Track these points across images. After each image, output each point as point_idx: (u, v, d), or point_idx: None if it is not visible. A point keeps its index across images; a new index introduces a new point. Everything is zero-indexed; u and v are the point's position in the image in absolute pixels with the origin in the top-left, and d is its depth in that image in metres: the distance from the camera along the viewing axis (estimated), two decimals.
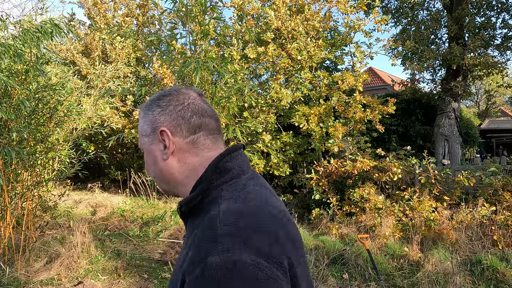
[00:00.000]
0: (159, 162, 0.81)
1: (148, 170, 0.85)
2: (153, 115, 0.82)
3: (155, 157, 0.81)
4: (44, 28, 3.57)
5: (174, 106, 0.81)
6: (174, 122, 0.79)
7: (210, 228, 0.64)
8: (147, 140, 0.83)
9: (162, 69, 6.49)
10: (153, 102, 0.83)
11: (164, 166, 0.80)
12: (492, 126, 19.81)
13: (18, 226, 4.42)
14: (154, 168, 0.83)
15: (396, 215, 4.94)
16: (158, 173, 0.83)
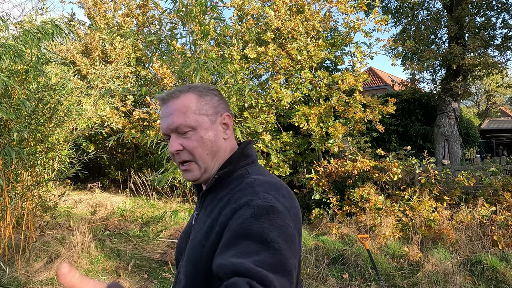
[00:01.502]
0: (218, 140, 0.94)
1: (201, 146, 0.89)
2: (215, 100, 0.95)
3: (216, 135, 0.93)
4: (45, 28, 3.58)
5: (225, 100, 0.99)
6: (229, 112, 0.97)
7: (250, 187, 0.84)
8: (207, 119, 0.92)
9: (162, 69, 6.49)
10: (207, 90, 0.95)
11: (222, 144, 0.94)
12: (492, 126, 19.82)
13: (18, 226, 4.42)
14: (212, 145, 0.91)
15: (396, 215, 4.94)
16: (214, 149, 0.92)
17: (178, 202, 7.80)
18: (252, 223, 0.72)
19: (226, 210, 0.82)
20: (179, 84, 6.57)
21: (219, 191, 0.91)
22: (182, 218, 6.20)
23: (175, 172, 3.59)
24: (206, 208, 0.93)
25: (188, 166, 0.92)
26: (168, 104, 0.91)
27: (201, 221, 0.91)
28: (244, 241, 0.70)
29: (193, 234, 0.92)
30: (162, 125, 0.92)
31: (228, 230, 0.76)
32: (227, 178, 0.92)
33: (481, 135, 16.59)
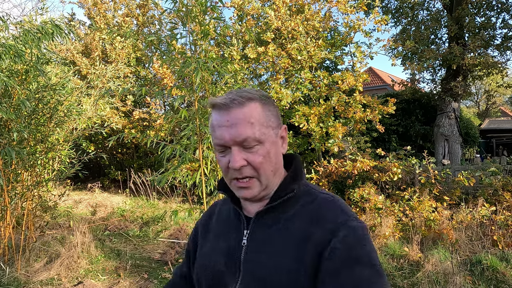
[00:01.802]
0: (279, 155, 0.88)
1: (266, 162, 0.83)
2: (275, 111, 0.88)
3: (278, 149, 0.87)
4: (45, 28, 3.58)
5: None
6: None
7: (333, 204, 0.84)
8: (273, 132, 0.85)
9: (162, 69, 6.49)
10: (267, 98, 0.87)
11: (281, 159, 0.89)
12: (492, 126, 19.82)
13: (18, 226, 4.42)
14: (276, 161, 0.85)
15: (396, 215, 4.94)
16: (277, 166, 0.87)
17: (178, 202, 7.80)
18: (360, 248, 0.76)
19: (317, 230, 0.79)
20: (179, 84, 6.57)
21: (286, 208, 0.86)
22: (182, 218, 6.20)
23: (175, 172, 3.59)
24: (269, 227, 0.85)
25: (248, 183, 0.83)
26: (231, 112, 0.80)
27: (270, 243, 0.83)
28: (356, 268, 0.73)
29: (260, 257, 0.83)
30: (221, 135, 0.80)
31: (333, 255, 0.75)
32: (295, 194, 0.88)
33: (481, 135, 16.59)
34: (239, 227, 0.91)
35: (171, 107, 9.31)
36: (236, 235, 0.91)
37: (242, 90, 0.83)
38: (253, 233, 0.88)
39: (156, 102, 8.63)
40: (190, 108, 4.51)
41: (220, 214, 1.02)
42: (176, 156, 3.46)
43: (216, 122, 0.82)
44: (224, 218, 0.99)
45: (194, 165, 4.21)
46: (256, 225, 0.88)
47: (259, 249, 0.85)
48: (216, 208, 1.06)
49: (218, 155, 0.85)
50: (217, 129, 0.81)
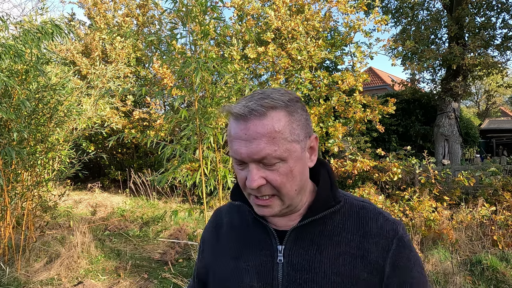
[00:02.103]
0: (306, 171, 0.77)
1: (289, 181, 0.72)
2: (303, 118, 0.75)
3: (304, 165, 0.76)
4: (45, 28, 3.58)
5: (307, 111, 0.78)
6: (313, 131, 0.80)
7: (374, 212, 0.80)
8: (299, 147, 0.73)
9: (162, 69, 6.49)
10: (294, 101, 0.74)
11: (307, 174, 0.79)
12: (492, 126, 19.82)
13: (18, 226, 4.42)
14: (301, 178, 0.75)
15: (396, 215, 4.94)
16: (302, 183, 0.76)
17: (178, 202, 7.80)
18: (409, 255, 0.77)
19: (370, 247, 0.76)
20: (179, 84, 6.57)
21: (327, 220, 0.79)
22: (182, 218, 6.20)
23: (175, 172, 3.59)
24: (312, 243, 0.78)
25: (268, 201, 0.74)
26: (249, 124, 0.69)
27: (316, 261, 0.76)
28: (413, 273, 0.77)
29: (307, 276, 0.76)
30: (237, 150, 0.71)
31: (392, 273, 0.75)
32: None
33: (481, 135, 16.60)
34: (269, 242, 0.81)
35: (171, 107, 9.31)
36: (266, 251, 0.80)
37: (265, 94, 0.72)
38: (291, 250, 0.78)
39: (156, 102, 8.63)
40: (190, 108, 4.51)
41: (232, 227, 0.89)
42: (176, 156, 3.46)
43: (234, 133, 0.72)
44: (240, 231, 0.87)
45: (194, 165, 4.21)
46: (294, 240, 0.79)
47: (303, 267, 0.76)
48: (224, 219, 0.93)
49: (236, 166, 0.76)
50: (234, 141, 0.72)
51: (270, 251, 0.80)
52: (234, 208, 0.92)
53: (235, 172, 0.77)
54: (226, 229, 0.90)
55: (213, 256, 0.90)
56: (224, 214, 0.94)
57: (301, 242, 0.78)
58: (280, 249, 0.79)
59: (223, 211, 0.96)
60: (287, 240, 0.79)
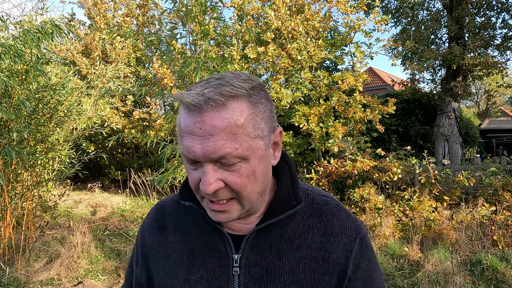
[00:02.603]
0: (269, 170, 0.67)
1: (251, 183, 0.63)
2: (268, 109, 0.64)
3: (268, 163, 0.66)
4: (45, 28, 3.58)
5: (271, 99, 0.67)
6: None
7: (337, 208, 0.75)
8: (262, 143, 0.62)
9: (162, 69, 6.49)
10: (258, 89, 0.63)
11: (270, 174, 0.68)
12: (492, 126, 19.83)
13: (18, 226, 4.42)
14: (264, 179, 0.65)
15: (396, 215, 4.94)
16: (265, 184, 0.67)
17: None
18: (371, 255, 0.75)
19: (332, 247, 0.70)
20: (179, 84, 6.57)
21: (288, 221, 0.72)
22: None
23: (175, 172, 3.59)
24: (271, 248, 0.70)
25: (226, 206, 0.63)
26: (205, 117, 0.57)
27: (276, 269, 0.69)
28: (374, 274, 0.75)
29: (266, 277, 0.69)
30: (189, 147, 0.59)
31: (355, 275, 0.71)
32: None
33: (481, 135, 16.60)
34: (223, 250, 0.71)
35: (171, 107, 9.31)
36: (219, 261, 0.71)
37: (224, 79, 0.60)
38: (248, 258, 0.70)
39: (156, 102, 8.63)
40: None
41: (180, 230, 0.76)
42: (176, 156, 3.46)
43: (185, 127, 0.60)
44: (190, 236, 0.75)
45: None
46: (251, 247, 0.70)
47: (262, 278, 0.68)
48: (168, 219, 0.79)
49: (187, 165, 0.64)
50: (185, 137, 0.60)
51: (225, 260, 0.70)
52: (181, 207, 0.79)
53: (186, 172, 0.65)
54: (172, 232, 0.77)
55: (158, 265, 0.76)
56: (168, 213, 0.80)
57: (259, 249, 0.70)
58: (236, 258, 0.70)
59: (167, 209, 0.81)
60: (244, 247, 0.70)
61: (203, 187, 0.60)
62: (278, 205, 0.70)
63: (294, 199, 0.71)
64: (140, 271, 0.80)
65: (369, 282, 0.73)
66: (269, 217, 0.69)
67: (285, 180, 0.72)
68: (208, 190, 0.59)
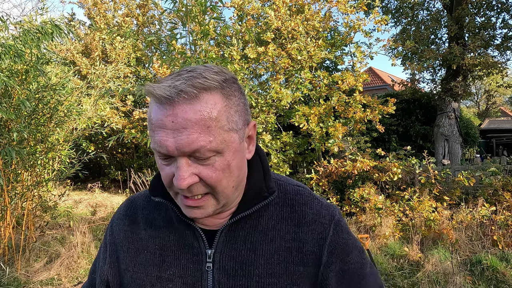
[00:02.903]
0: (244, 164, 0.67)
1: (227, 178, 0.62)
2: (242, 102, 0.64)
3: (243, 157, 0.66)
4: (45, 28, 3.58)
5: (244, 93, 0.66)
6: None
7: (309, 198, 0.74)
8: (237, 136, 0.62)
9: (162, 69, 6.48)
10: (230, 82, 0.62)
11: (245, 168, 0.68)
12: (492, 126, 19.83)
13: (18, 226, 4.42)
14: (239, 173, 0.65)
15: (396, 215, 4.94)
16: (240, 178, 0.66)
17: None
18: (348, 239, 0.73)
19: (306, 236, 0.70)
20: None
21: (261, 213, 0.71)
22: None
23: None
24: (245, 242, 0.69)
25: (200, 202, 0.62)
26: (177, 109, 0.56)
27: (250, 263, 0.68)
28: (350, 256, 0.72)
29: (239, 283, 0.67)
30: (162, 142, 0.58)
31: (331, 264, 0.69)
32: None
33: (481, 135, 16.60)
34: (196, 246, 0.70)
35: None
36: (192, 257, 0.70)
37: (196, 71, 0.59)
38: (222, 253, 0.69)
39: None
40: None
41: (151, 226, 0.75)
42: None
43: (156, 120, 0.58)
44: (161, 232, 0.73)
45: None
46: (225, 241, 0.69)
47: (236, 272, 0.67)
48: (139, 215, 0.77)
49: (159, 161, 0.62)
50: (157, 131, 0.58)
51: (198, 256, 0.69)
52: (153, 203, 0.77)
53: (158, 167, 0.64)
54: (143, 229, 0.75)
55: (128, 262, 0.74)
56: (139, 208, 0.78)
57: (233, 243, 0.69)
58: (209, 253, 0.69)
59: (138, 204, 0.79)
60: (217, 242, 0.69)
61: (176, 182, 0.58)
62: (250, 197, 0.69)
63: (266, 190, 0.70)
64: (108, 268, 0.77)
65: (346, 264, 0.70)
66: (241, 210, 0.68)
67: (257, 172, 0.71)
68: (182, 185, 0.58)
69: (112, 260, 0.77)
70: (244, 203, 0.69)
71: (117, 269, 0.77)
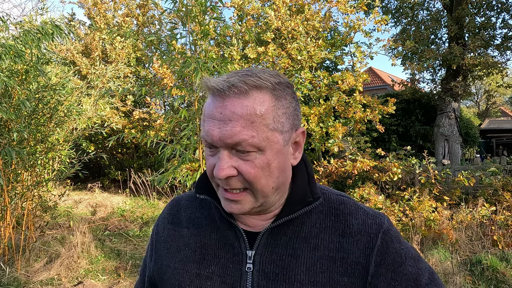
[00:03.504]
0: (287, 168, 0.67)
1: (265, 176, 0.62)
2: (292, 107, 0.65)
3: (286, 161, 0.66)
4: (45, 29, 3.58)
5: (298, 100, 0.69)
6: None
7: (353, 208, 0.73)
8: (281, 138, 0.63)
9: (162, 69, 6.49)
10: (284, 86, 0.64)
11: (289, 173, 0.69)
12: (492, 126, 19.83)
13: (18, 226, 4.42)
14: (279, 175, 0.65)
15: (396, 215, 4.94)
16: (281, 181, 0.66)
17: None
18: (398, 247, 0.70)
19: (351, 247, 0.68)
20: (179, 84, 6.58)
21: (304, 219, 0.71)
22: None
23: (175, 172, 3.59)
24: (287, 246, 0.69)
25: (239, 196, 0.63)
26: (227, 102, 0.60)
27: (291, 267, 0.67)
28: (404, 267, 0.69)
29: (279, 286, 0.67)
30: (209, 131, 0.61)
31: (379, 271, 0.67)
32: None
33: (481, 135, 16.61)
34: (237, 246, 0.70)
35: (171, 107, 9.31)
36: (232, 256, 0.70)
37: (252, 71, 0.62)
38: (262, 255, 0.68)
39: (156, 102, 8.63)
40: (190, 108, 4.51)
41: (194, 225, 0.77)
42: (176, 156, 3.46)
43: (208, 111, 0.62)
44: (203, 230, 0.75)
45: (194, 165, 4.21)
46: (266, 244, 0.69)
47: (277, 276, 0.67)
48: (182, 214, 0.80)
49: (206, 151, 0.66)
50: (206, 121, 0.62)
51: (238, 256, 0.69)
52: (196, 203, 0.79)
53: (205, 158, 0.67)
54: (186, 227, 0.77)
55: (169, 258, 0.76)
56: (183, 208, 0.80)
57: (274, 247, 0.69)
58: (250, 254, 0.69)
59: (181, 204, 0.82)
60: (258, 244, 0.69)
61: (216, 172, 0.61)
62: (295, 202, 0.69)
63: (311, 196, 0.70)
64: (153, 265, 0.81)
65: (398, 275, 0.67)
66: (285, 214, 0.68)
67: (302, 177, 0.71)
68: (220, 174, 0.60)
69: (156, 257, 0.80)
70: (288, 207, 0.69)
71: (159, 265, 0.79)
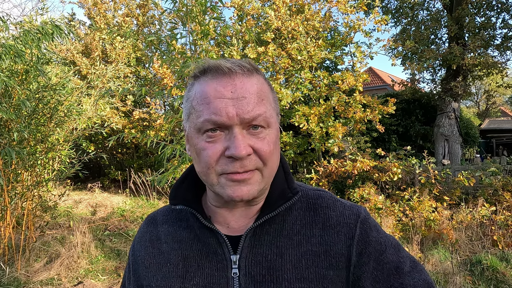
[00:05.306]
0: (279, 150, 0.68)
1: (275, 154, 0.65)
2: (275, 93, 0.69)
3: (277, 141, 0.67)
4: (45, 29, 3.58)
5: None
6: None
7: (332, 199, 0.74)
8: (277, 119, 0.67)
9: (162, 69, 6.49)
10: (264, 77, 0.67)
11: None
12: (492, 126, 19.82)
13: (18, 226, 4.42)
14: (278, 156, 0.67)
15: (396, 215, 4.94)
16: (276, 165, 0.67)
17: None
18: (377, 235, 0.70)
19: (333, 239, 0.68)
20: (179, 84, 6.57)
21: (285, 217, 0.70)
22: None
23: (175, 172, 3.59)
24: (271, 246, 0.68)
25: (249, 175, 0.61)
26: (236, 81, 0.60)
27: (278, 268, 0.66)
28: (385, 255, 0.68)
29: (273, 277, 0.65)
30: (221, 109, 0.59)
31: (362, 263, 0.67)
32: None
33: (481, 135, 16.60)
34: (220, 253, 0.68)
35: (171, 107, 9.31)
36: (216, 264, 0.68)
37: (234, 60, 0.64)
38: (247, 258, 0.67)
39: (156, 102, 8.63)
40: None
41: (172, 238, 0.73)
42: (176, 156, 3.46)
43: (215, 93, 0.59)
44: (184, 241, 0.72)
45: None
46: (250, 246, 0.67)
47: (264, 278, 0.65)
48: (160, 229, 0.76)
49: (202, 143, 0.61)
50: (213, 101, 0.59)
51: (223, 263, 0.67)
52: (173, 216, 0.76)
53: (196, 152, 0.63)
54: (165, 242, 0.74)
55: (150, 278, 0.72)
56: (160, 223, 0.77)
57: (258, 247, 0.67)
58: (235, 259, 0.67)
59: (158, 220, 0.78)
60: (242, 247, 0.67)
61: (235, 150, 0.58)
62: (274, 199, 0.68)
63: (290, 191, 0.70)
64: (131, 287, 0.77)
65: (380, 264, 0.67)
66: (266, 212, 0.67)
67: (279, 173, 0.71)
68: (242, 152, 0.58)
69: (135, 279, 0.77)
70: (268, 204, 0.68)
71: (140, 287, 0.75)
